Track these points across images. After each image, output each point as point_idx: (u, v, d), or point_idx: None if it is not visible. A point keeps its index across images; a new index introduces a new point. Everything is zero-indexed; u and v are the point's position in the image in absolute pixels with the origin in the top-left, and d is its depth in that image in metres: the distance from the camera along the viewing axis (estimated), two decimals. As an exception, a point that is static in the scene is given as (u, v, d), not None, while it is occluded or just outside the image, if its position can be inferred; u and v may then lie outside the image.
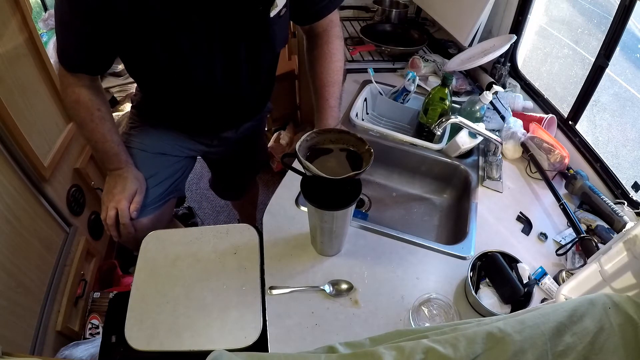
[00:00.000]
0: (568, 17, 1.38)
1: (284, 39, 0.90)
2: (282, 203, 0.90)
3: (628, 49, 1.16)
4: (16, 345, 0.93)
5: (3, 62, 0.96)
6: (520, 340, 0.48)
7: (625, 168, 1.03)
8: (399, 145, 1.11)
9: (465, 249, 0.85)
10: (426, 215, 1.11)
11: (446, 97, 1.07)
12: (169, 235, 0.85)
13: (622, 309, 0.51)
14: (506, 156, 1.11)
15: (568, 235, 0.90)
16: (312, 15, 0.90)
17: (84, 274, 1.26)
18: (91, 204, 1.36)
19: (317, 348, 0.55)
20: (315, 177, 0.61)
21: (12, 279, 0.94)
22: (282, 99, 1.88)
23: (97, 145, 0.88)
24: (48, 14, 1.88)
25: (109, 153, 0.89)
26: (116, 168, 0.91)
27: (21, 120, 0.99)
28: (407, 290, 0.76)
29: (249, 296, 0.73)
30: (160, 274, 0.77)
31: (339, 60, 0.97)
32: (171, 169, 1.03)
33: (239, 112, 1.02)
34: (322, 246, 0.79)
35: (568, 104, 1.12)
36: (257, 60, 0.87)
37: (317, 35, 0.95)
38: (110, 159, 0.90)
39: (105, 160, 0.91)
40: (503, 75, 1.30)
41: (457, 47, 1.52)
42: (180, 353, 0.67)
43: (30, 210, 1.04)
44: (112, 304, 0.95)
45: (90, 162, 1.38)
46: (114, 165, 0.91)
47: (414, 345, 0.49)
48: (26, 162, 1.02)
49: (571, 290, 0.63)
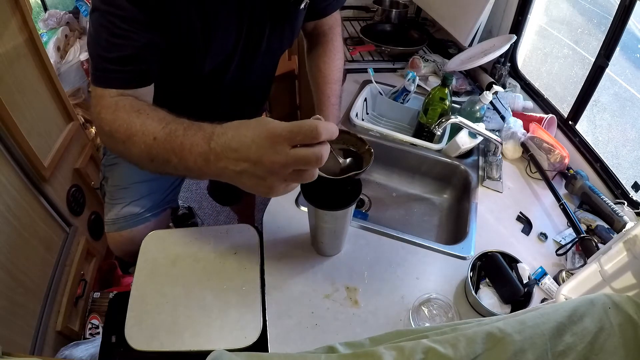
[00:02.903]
0: (568, 17, 1.38)
1: (298, 34, 0.90)
2: (282, 203, 0.90)
3: (628, 49, 1.15)
4: (16, 345, 0.93)
5: (3, 62, 0.96)
6: (520, 340, 0.48)
7: (625, 168, 1.03)
8: (399, 145, 1.11)
9: (465, 249, 0.85)
10: (426, 215, 1.11)
11: (446, 97, 1.07)
12: (169, 235, 0.85)
13: (622, 309, 0.51)
14: (506, 156, 1.11)
15: (568, 235, 0.90)
16: (319, 12, 0.91)
17: (84, 274, 1.26)
18: (91, 204, 1.36)
19: (317, 348, 0.55)
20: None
21: (12, 279, 0.94)
22: (282, 99, 1.88)
23: (170, 128, 0.53)
24: (48, 14, 1.88)
25: (193, 125, 0.52)
26: (212, 134, 0.49)
27: (21, 120, 0.99)
28: (407, 290, 0.76)
29: (249, 296, 0.73)
30: (160, 274, 0.77)
31: (341, 59, 0.98)
32: (167, 176, 1.02)
33: (240, 108, 1.02)
34: (322, 246, 0.79)
35: (568, 104, 1.12)
36: (273, 53, 0.87)
37: (322, 33, 0.96)
38: (200, 128, 0.51)
39: (193, 140, 0.50)
40: (503, 75, 1.30)
41: (457, 47, 1.52)
42: (180, 353, 0.67)
43: (30, 210, 1.04)
44: (112, 304, 0.95)
45: (90, 162, 1.38)
46: (209, 130, 0.49)
47: (414, 345, 0.49)
48: (26, 162, 1.02)
49: (571, 290, 0.63)
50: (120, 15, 0.59)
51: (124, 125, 0.57)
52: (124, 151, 0.58)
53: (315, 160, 0.43)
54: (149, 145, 0.54)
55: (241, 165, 0.45)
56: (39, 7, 2.15)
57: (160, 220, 1.01)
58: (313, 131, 0.42)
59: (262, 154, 0.44)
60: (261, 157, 0.44)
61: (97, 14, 0.60)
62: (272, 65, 0.98)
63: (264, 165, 0.44)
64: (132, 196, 0.96)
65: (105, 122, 0.60)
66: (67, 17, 1.92)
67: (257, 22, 0.77)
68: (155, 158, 0.54)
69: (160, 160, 0.54)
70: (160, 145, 0.53)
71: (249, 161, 0.45)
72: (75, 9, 2.01)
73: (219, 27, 0.72)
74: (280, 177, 0.45)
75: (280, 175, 0.45)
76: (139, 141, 0.55)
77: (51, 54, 1.71)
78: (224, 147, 0.46)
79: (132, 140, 0.56)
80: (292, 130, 0.43)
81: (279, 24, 0.80)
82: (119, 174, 0.97)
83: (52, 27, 1.86)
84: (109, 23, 0.60)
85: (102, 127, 0.61)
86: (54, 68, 1.17)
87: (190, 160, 0.50)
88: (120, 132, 0.57)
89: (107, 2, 0.59)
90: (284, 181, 0.46)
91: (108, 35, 0.61)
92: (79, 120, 1.33)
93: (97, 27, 0.61)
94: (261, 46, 0.82)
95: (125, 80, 0.63)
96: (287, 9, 0.79)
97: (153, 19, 0.62)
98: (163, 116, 0.56)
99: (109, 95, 0.62)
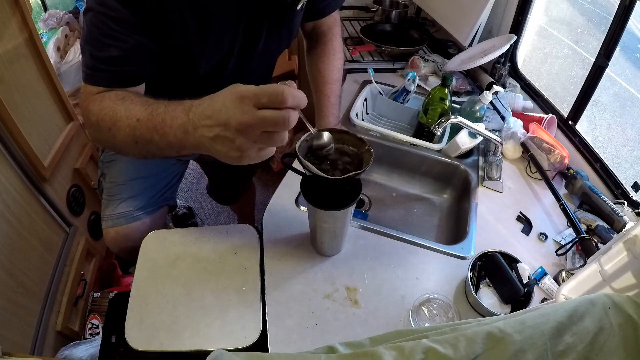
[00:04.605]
0: (568, 17, 1.38)
1: (296, 35, 0.90)
2: (282, 203, 0.90)
3: (628, 49, 1.15)
4: (16, 345, 0.93)
5: (3, 62, 0.96)
6: (520, 340, 0.48)
7: (625, 168, 1.03)
8: (399, 145, 1.11)
9: (465, 249, 0.85)
10: (426, 215, 1.11)
11: (446, 97, 1.07)
12: (169, 235, 0.85)
13: (622, 309, 0.51)
14: (506, 156, 1.11)
15: (568, 235, 0.90)
16: (318, 12, 0.91)
17: (84, 274, 1.26)
18: (91, 204, 1.36)
19: (317, 348, 0.55)
20: (315, 177, 0.61)
21: (12, 279, 0.94)
22: (282, 99, 1.88)
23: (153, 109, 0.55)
24: (48, 14, 1.88)
25: (173, 102, 0.54)
26: (190, 105, 0.51)
27: (21, 120, 0.99)
28: (407, 290, 0.76)
29: (249, 296, 0.73)
30: (160, 274, 0.77)
31: (340, 59, 0.98)
32: (164, 173, 1.02)
33: None
34: (322, 246, 0.79)
35: (568, 104, 1.12)
36: (270, 54, 0.87)
37: (321, 33, 0.96)
38: (180, 103, 0.53)
39: (173, 114, 0.53)
40: (503, 75, 1.30)
41: (457, 47, 1.52)
42: (180, 353, 0.67)
43: (30, 210, 1.04)
44: (112, 304, 0.95)
45: (90, 162, 1.38)
46: (188, 103, 0.52)
47: (414, 345, 0.49)
48: (26, 162, 1.02)
49: (571, 290, 0.63)
50: (112, 17, 0.60)
51: (109, 113, 0.59)
52: (111, 139, 0.60)
53: (282, 122, 0.44)
54: (133, 127, 0.56)
55: (214, 130, 0.47)
56: (39, 7, 2.15)
57: (157, 218, 1.01)
58: (279, 95, 0.44)
59: (230, 116, 0.45)
60: (229, 118, 0.45)
61: (90, 13, 0.61)
62: (270, 66, 0.98)
63: (231, 126, 0.45)
64: (129, 193, 0.96)
65: (92, 113, 0.61)
66: (67, 17, 1.92)
67: (253, 24, 0.77)
68: (139, 139, 0.56)
69: (143, 141, 0.56)
70: (143, 126, 0.55)
71: (220, 125, 0.46)
72: (75, 9, 2.02)
73: (215, 29, 0.72)
74: (249, 138, 0.46)
75: (249, 136, 0.46)
76: (124, 125, 0.57)
77: (51, 54, 1.71)
78: (200, 116, 0.49)
79: (117, 125, 0.58)
80: (258, 92, 0.44)
81: (276, 25, 0.80)
82: (116, 170, 0.97)
83: (52, 27, 1.86)
84: (101, 23, 0.61)
85: (89, 118, 0.62)
86: (54, 68, 1.17)
87: (171, 134, 0.52)
88: (105, 120, 0.59)
89: (100, 2, 0.60)
90: (254, 143, 0.47)
91: (99, 35, 0.61)
92: (79, 120, 1.33)
93: (90, 27, 0.62)
94: (258, 47, 0.81)
95: (115, 80, 0.65)
96: (283, 10, 0.79)
97: (146, 21, 0.63)
98: (146, 100, 0.59)
99: (97, 91, 0.64)
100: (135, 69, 0.66)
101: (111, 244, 0.97)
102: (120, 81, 0.65)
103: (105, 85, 0.64)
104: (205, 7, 0.68)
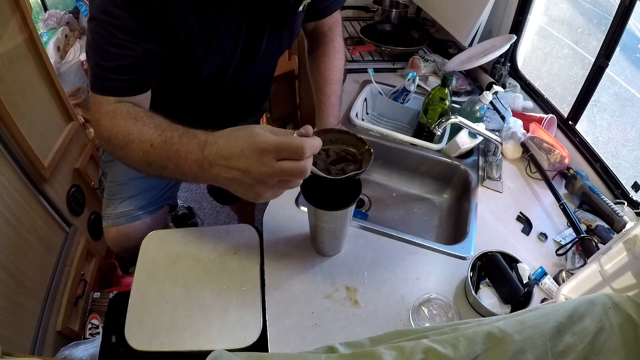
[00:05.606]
0: (568, 17, 1.38)
1: (297, 35, 0.90)
2: (282, 203, 0.90)
3: (628, 49, 1.15)
4: (16, 345, 0.93)
5: (3, 62, 0.96)
6: (520, 340, 0.48)
7: (625, 168, 1.03)
8: (399, 145, 1.11)
9: (465, 249, 0.85)
10: (426, 215, 1.11)
11: (446, 97, 1.07)
12: (169, 235, 0.85)
13: (622, 309, 0.51)
14: (506, 156, 1.11)
15: (568, 235, 0.90)
16: (319, 12, 0.91)
17: (84, 274, 1.26)
18: (91, 204, 1.37)
19: (317, 348, 0.55)
20: (315, 177, 0.61)
21: (12, 279, 0.94)
22: (282, 99, 1.88)
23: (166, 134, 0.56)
24: (48, 14, 1.88)
25: (187, 133, 0.55)
26: (205, 142, 0.52)
27: (21, 120, 0.99)
28: (407, 290, 0.76)
29: (249, 296, 0.73)
30: (160, 274, 0.77)
31: (341, 59, 0.98)
32: None
33: (240, 109, 1.02)
34: (322, 246, 0.79)
35: (568, 104, 1.12)
36: (272, 55, 0.87)
37: (322, 33, 0.96)
38: (194, 136, 0.54)
39: (188, 147, 0.53)
40: (503, 75, 1.30)
41: (457, 47, 1.52)
42: (180, 353, 0.67)
43: (30, 210, 1.04)
44: (112, 304, 0.95)
45: (91, 162, 1.38)
46: (202, 139, 0.52)
47: (414, 345, 0.49)
48: (26, 162, 1.02)
49: (571, 290, 0.63)
50: (117, 25, 0.60)
51: (122, 132, 0.59)
52: (123, 157, 0.61)
53: (300, 173, 0.47)
54: (146, 151, 0.57)
55: (232, 173, 0.49)
56: (39, 7, 2.15)
57: (158, 217, 1.01)
58: (299, 150, 0.46)
59: (250, 165, 0.47)
60: (249, 167, 0.47)
61: (95, 22, 0.61)
62: (271, 66, 0.98)
63: (251, 174, 0.47)
64: (130, 192, 0.96)
65: (104, 128, 0.62)
66: (67, 17, 1.93)
67: (255, 25, 0.77)
68: (152, 163, 0.57)
69: (157, 166, 0.57)
70: (157, 152, 0.56)
71: (239, 170, 0.48)
72: (75, 9, 2.01)
73: (218, 32, 0.72)
74: (266, 185, 0.49)
75: (267, 184, 0.49)
76: (137, 148, 0.58)
77: (51, 54, 1.71)
78: (216, 156, 0.50)
79: (129, 147, 0.58)
80: (279, 145, 0.46)
81: (277, 27, 0.80)
82: (117, 170, 0.97)
83: (52, 27, 1.86)
84: (107, 32, 0.60)
85: (101, 133, 0.63)
86: (54, 68, 1.17)
87: (186, 166, 0.53)
88: (118, 139, 0.60)
89: (105, 11, 0.59)
90: (271, 189, 0.50)
91: (106, 45, 0.61)
92: (79, 120, 1.33)
93: (95, 36, 0.61)
94: (260, 49, 0.81)
95: (124, 89, 0.65)
96: (285, 11, 0.79)
97: (150, 28, 0.62)
98: (159, 123, 0.59)
99: (107, 102, 0.63)
100: (143, 77, 0.67)
101: (112, 243, 0.97)
102: (129, 89, 0.65)
103: (114, 94, 0.64)
104: (208, 11, 0.68)
